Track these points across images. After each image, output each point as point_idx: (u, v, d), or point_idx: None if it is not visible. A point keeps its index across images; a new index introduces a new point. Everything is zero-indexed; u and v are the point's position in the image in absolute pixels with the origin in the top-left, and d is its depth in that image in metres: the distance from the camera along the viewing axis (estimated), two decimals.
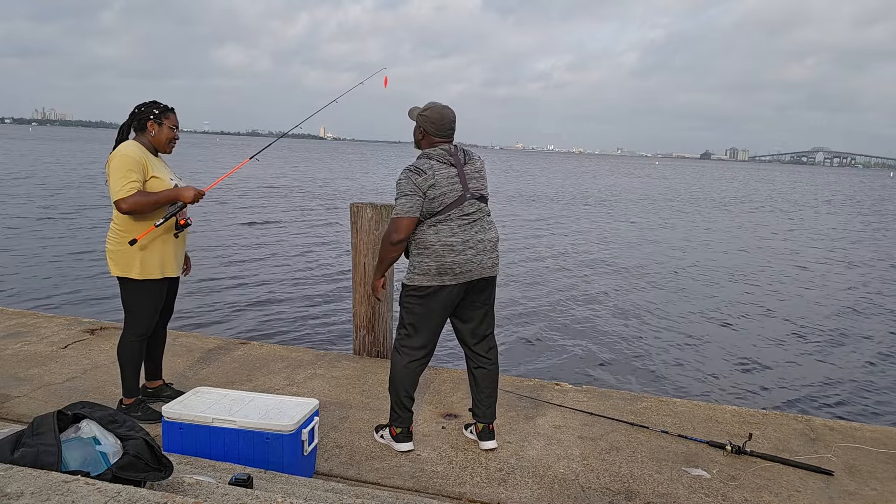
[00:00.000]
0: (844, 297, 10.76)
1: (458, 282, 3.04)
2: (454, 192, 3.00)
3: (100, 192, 21.37)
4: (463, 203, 3.02)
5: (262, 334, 6.95)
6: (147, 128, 3.31)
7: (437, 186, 2.97)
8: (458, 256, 3.00)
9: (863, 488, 3.01)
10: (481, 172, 3.14)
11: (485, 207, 3.13)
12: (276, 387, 3.96)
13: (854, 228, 22.96)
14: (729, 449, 3.28)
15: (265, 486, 2.15)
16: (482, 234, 3.08)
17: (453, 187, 3.00)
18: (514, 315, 8.50)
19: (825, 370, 6.83)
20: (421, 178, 2.96)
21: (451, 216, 3.00)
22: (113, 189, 3.15)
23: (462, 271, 3.02)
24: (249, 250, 12.27)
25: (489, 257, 3.10)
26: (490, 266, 3.12)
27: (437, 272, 3.01)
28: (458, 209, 3.01)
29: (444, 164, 3.00)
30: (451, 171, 3.01)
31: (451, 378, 4.27)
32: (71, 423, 1.86)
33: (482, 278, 3.10)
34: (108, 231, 3.33)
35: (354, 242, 4.54)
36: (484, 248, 3.08)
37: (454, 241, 3.00)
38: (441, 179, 2.98)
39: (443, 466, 3.05)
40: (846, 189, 62.50)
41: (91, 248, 11.62)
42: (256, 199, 21.93)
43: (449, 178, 2.99)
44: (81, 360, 4.26)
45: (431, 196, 2.96)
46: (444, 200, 2.98)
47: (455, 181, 3.01)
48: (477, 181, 3.09)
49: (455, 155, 3.05)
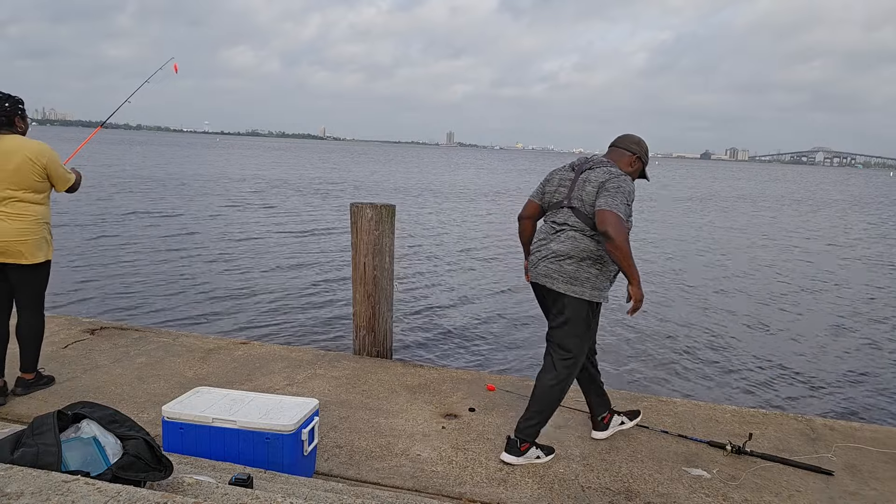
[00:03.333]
0: (847, 296, 10.76)
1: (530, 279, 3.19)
2: (558, 196, 3.12)
3: (99, 191, 21.40)
4: (559, 209, 3.09)
5: (262, 334, 6.95)
6: (15, 122, 3.51)
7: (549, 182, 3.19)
8: (532, 255, 3.18)
9: (863, 488, 3.01)
10: (587, 183, 3.00)
11: (576, 221, 3.00)
12: (276, 387, 3.96)
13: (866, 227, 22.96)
14: (729, 449, 3.28)
15: (265, 486, 2.15)
16: (553, 243, 3.05)
17: (557, 191, 3.14)
18: (513, 315, 8.50)
19: (825, 370, 6.83)
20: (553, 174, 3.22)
21: (546, 218, 3.20)
22: (63, 177, 3.57)
23: (531, 269, 3.17)
24: (249, 250, 12.27)
25: (546, 265, 3.05)
26: (544, 275, 3.06)
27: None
28: (553, 213, 3.13)
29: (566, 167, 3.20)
30: (568, 175, 3.14)
31: (451, 378, 4.27)
32: (71, 423, 1.86)
33: (537, 284, 3.13)
34: (23, 222, 3.44)
35: (354, 242, 4.54)
36: (545, 254, 3.06)
37: (535, 240, 3.21)
38: (555, 179, 3.18)
39: (443, 466, 3.05)
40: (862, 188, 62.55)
41: (91, 248, 11.63)
42: (263, 198, 21.94)
43: (560, 183, 3.14)
44: (81, 360, 4.26)
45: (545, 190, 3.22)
46: (550, 200, 3.17)
47: (563, 186, 3.12)
48: (581, 190, 3.02)
49: (583, 163, 3.14)
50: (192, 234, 13.79)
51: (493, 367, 6.42)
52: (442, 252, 13.30)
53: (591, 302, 3.04)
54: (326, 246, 13.22)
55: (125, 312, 7.56)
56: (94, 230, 13.66)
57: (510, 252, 13.66)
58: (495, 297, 9.50)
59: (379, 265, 4.50)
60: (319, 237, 14.41)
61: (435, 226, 17.48)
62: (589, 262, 2.99)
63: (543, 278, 3.06)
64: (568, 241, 3.00)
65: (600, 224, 2.84)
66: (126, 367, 4.18)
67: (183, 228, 14.54)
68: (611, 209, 2.84)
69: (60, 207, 16.78)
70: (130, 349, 4.52)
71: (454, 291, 9.76)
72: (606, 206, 2.85)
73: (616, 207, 2.85)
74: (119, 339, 4.74)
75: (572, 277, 2.99)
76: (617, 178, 2.95)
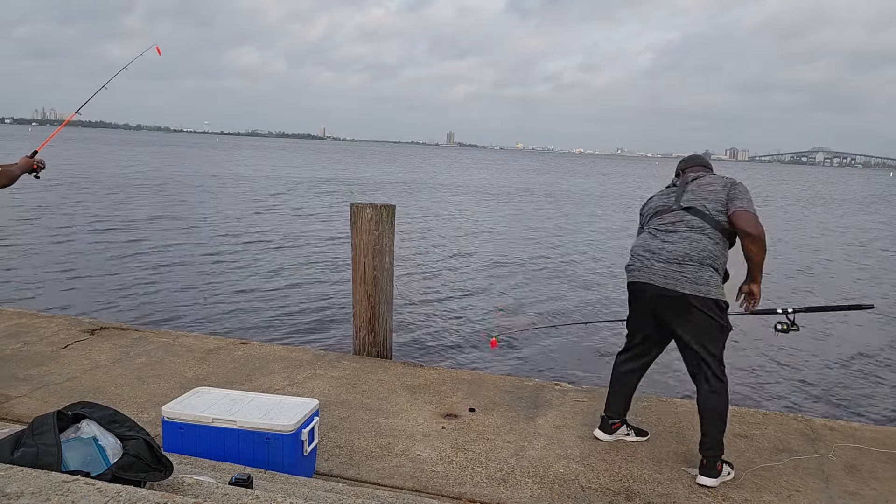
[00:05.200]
0: (850, 295, 10.75)
1: (630, 280, 3.09)
2: (660, 205, 3.13)
3: (96, 190, 21.40)
4: (665, 213, 3.06)
5: (262, 334, 6.95)
6: None
7: (649, 202, 3.24)
8: (633, 258, 3.10)
9: (863, 488, 3.01)
10: (703, 187, 3.01)
11: (691, 219, 2.94)
12: (276, 387, 3.96)
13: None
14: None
15: (265, 486, 2.15)
16: (668, 243, 2.94)
17: (662, 200, 3.15)
18: (514, 314, 8.50)
19: (825, 370, 6.83)
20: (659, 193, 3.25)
21: (648, 226, 3.15)
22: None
23: (633, 270, 3.08)
24: (249, 250, 12.27)
25: (664, 267, 2.90)
26: (662, 275, 2.90)
27: (626, 269, 3.17)
28: (658, 218, 3.09)
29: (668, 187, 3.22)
30: (671, 190, 3.18)
31: (451, 378, 4.27)
32: (71, 423, 1.86)
33: (653, 285, 2.93)
34: None
35: (354, 242, 4.54)
36: (662, 256, 2.91)
37: (636, 244, 3.15)
38: (655, 198, 3.22)
39: (443, 466, 3.05)
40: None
41: (91, 248, 11.63)
42: (265, 198, 21.94)
43: (664, 194, 3.18)
44: (81, 360, 4.26)
45: (643, 213, 3.27)
46: (648, 212, 3.19)
47: (669, 195, 3.14)
48: (693, 193, 3.00)
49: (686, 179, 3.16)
50: (192, 235, 13.79)
51: (494, 367, 6.42)
52: (442, 251, 13.30)
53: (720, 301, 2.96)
54: (326, 246, 13.22)
55: (125, 312, 7.57)
56: (94, 230, 13.65)
57: (511, 252, 13.67)
58: (496, 297, 9.49)
59: (379, 265, 4.50)
60: (319, 237, 14.40)
61: (435, 225, 17.47)
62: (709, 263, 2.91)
63: (662, 279, 2.91)
64: (689, 242, 2.92)
65: (743, 224, 2.88)
66: (126, 367, 4.18)
67: (183, 229, 14.54)
68: (748, 209, 2.92)
69: (62, 207, 16.78)
70: (130, 349, 4.52)
71: (454, 291, 9.76)
72: (743, 206, 2.92)
73: (750, 207, 2.93)
74: (119, 339, 4.74)
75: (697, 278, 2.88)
76: (737, 182, 3.04)
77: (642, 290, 3.03)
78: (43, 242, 12.04)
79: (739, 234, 2.92)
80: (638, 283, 3.05)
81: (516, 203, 26.53)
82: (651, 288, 2.97)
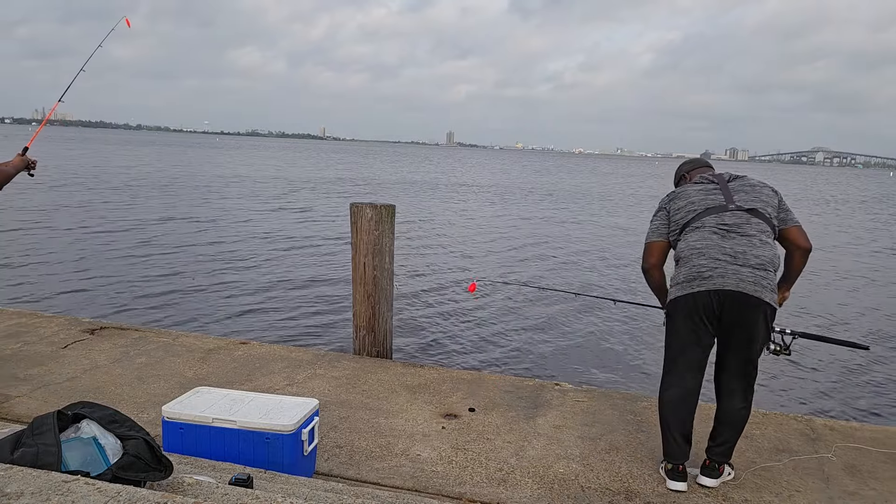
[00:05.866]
0: (852, 293, 10.75)
1: (709, 288, 2.71)
2: (709, 201, 2.88)
3: (100, 190, 21.40)
4: (723, 212, 2.82)
5: (262, 334, 6.95)
6: None
7: (682, 198, 2.94)
8: (708, 260, 2.73)
9: (863, 488, 3.01)
10: (755, 188, 2.90)
11: (758, 223, 2.81)
12: (276, 387, 3.96)
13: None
14: None
15: (265, 486, 2.15)
16: (745, 246, 2.74)
17: (708, 197, 2.89)
18: (514, 314, 8.50)
19: (825, 370, 6.82)
20: (667, 197, 3.01)
21: (705, 223, 2.83)
22: None
23: (712, 276, 2.71)
24: (249, 250, 12.27)
25: (751, 272, 2.70)
26: (751, 281, 2.69)
27: (685, 278, 2.79)
28: (717, 217, 2.82)
29: (699, 183, 2.98)
30: (708, 186, 2.93)
31: (451, 378, 4.27)
32: (71, 423, 1.86)
33: (741, 293, 2.69)
34: None
35: (354, 242, 4.54)
36: (746, 260, 2.71)
37: (704, 245, 2.78)
38: (691, 192, 2.94)
39: (443, 466, 3.05)
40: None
41: (91, 248, 11.63)
42: (272, 199, 21.94)
43: (702, 190, 2.93)
44: (81, 360, 4.26)
45: (675, 207, 2.93)
46: (693, 209, 2.88)
47: (712, 192, 2.91)
48: (747, 194, 2.87)
49: (718, 176, 2.99)
50: (194, 235, 13.79)
51: (494, 367, 6.42)
52: (443, 252, 13.30)
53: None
54: (326, 246, 13.22)
55: (125, 312, 7.57)
56: (95, 230, 13.65)
57: (512, 251, 13.67)
58: (496, 297, 9.49)
59: (379, 265, 4.50)
60: (319, 237, 14.40)
61: (436, 224, 17.48)
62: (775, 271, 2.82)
63: (751, 286, 2.69)
64: (767, 247, 2.79)
65: (801, 240, 2.88)
66: (126, 367, 4.18)
67: (184, 229, 14.54)
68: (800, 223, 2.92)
69: (63, 207, 16.79)
70: (130, 349, 4.52)
71: (455, 291, 9.76)
72: (797, 221, 2.91)
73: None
74: (119, 339, 4.74)
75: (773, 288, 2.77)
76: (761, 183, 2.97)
77: (721, 297, 2.71)
78: (43, 242, 12.04)
79: (793, 248, 2.89)
80: (721, 290, 2.70)
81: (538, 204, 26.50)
82: (737, 295, 2.69)
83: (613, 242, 15.88)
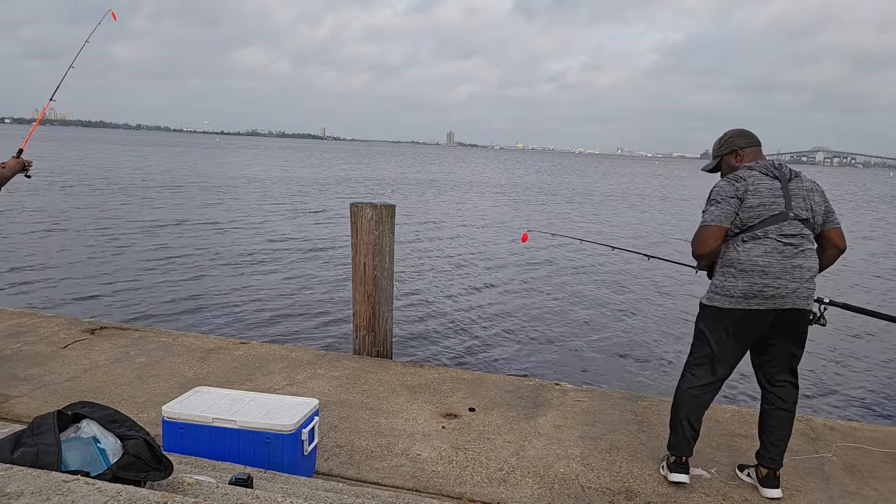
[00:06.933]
0: (853, 294, 10.74)
1: (768, 307, 2.71)
2: (774, 207, 2.73)
3: (102, 190, 21.40)
4: (783, 222, 2.72)
5: (262, 334, 6.95)
6: None
7: (755, 195, 2.73)
8: (772, 279, 2.69)
9: (863, 488, 3.01)
10: (810, 194, 2.79)
11: (809, 234, 2.77)
12: (276, 387, 3.96)
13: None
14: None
15: (265, 485, 2.15)
16: (802, 260, 2.72)
17: (775, 201, 2.73)
18: (514, 314, 8.50)
19: (824, 369, 6.82)
20: (740, 183, 2.75)
21: (767, 233, 2.72)
22: None
23: (774, 296, 2.70)
24: (249, 250, 12.27)
25: (806, 287, 2.73)
26: (806, 297, 2.73)
27: (743, 294, 2.72)
28: (777, 227, 2.72)
29: (766, 175, 2.77)
30: (775, 184, 2.76)
31: (451, 378, 4.27)
32: (71, 423, 1.86)
33: (795, 309, 2.73)
34: None
35: (354, 242, 4.54)
36: (802, 275, 2.71)
37: (767, 262, 2.70)
38: (763, 192, 2.74)
39: (443, 466, 3.05)
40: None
41: (90, 248, 11.63)
42: (259, 198, 21.95)
43: (772, 190, 2.74)
44: (81, 360, 4.26)
45: (748, 205, 2.73)
46: (761, 213, 2.72)
47: (778, 195, 2.74)
48: (804, 200, 2.76)
49: (779, 169, 2.81)
50: (194, 235, 13.79)
51: (494, 367, 6.42)
52: (443, 251, 13.30)
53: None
54: (326, 245, 13.22)
55: (125, 312, 7.57)
56: (95, 231, 13.66)
57: (512, 250, 13.66)
58: (496, 297, 9.49)
59: (379, 265, 4.50)
60: (319, 236, 14.40)
61: (437, 224, 17.48)
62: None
63: (805, 301, 2.73)
64: (814, 256, 2.79)
65: (840, 241, 2.86)
66: (126, 367, 4.18)
67: (186, 229, 14.54)
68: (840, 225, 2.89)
69: (67, 210, 16.79)
70: (130, 349, 4.52)
71: (455, 291, 9.76)
72: (839, 222, 2.87)
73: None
74: (119, 339, 4.74)
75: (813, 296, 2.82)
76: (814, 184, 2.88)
77: (776, 315, 2.73)
78: (43, 242, 12.04)
79: (830, 246, 2.86)
80: (780, 309, 2.72)
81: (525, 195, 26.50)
82: (791, 311, 2.74)
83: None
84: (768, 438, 2.91)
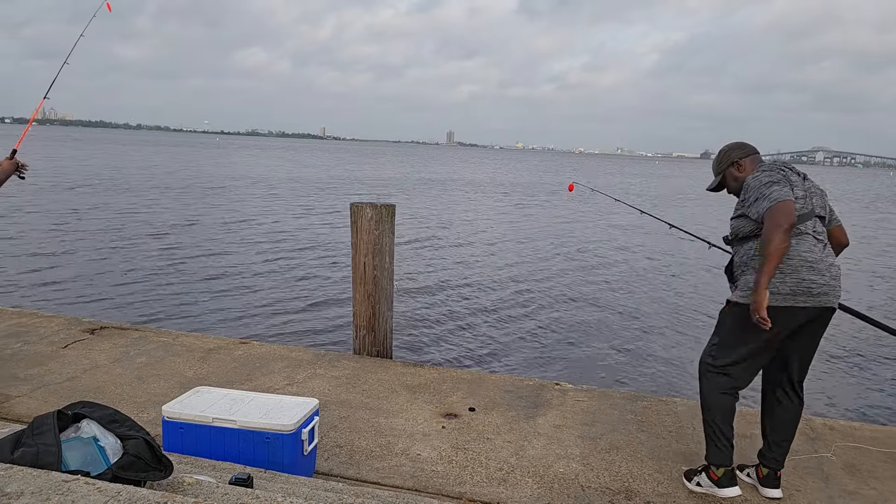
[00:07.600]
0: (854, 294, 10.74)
1: (814, 304, 2.62)
2: (808, 203, 2.69)
3: (104, 190, 21.40)
4: (814, 218, 2.70)
5: (262, 334, 6.95)
6: None
7: (796, 187, 2.67)
8: (818, 276, 2.62)
9: (863, 488, 3.01)
10: (820, 194, 2.79)
11: (825, 230, 2.77)
12: (276, 386, 3.96)
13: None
14: None
15: (265, 485, 2.15)
16: (832, 258, 2.71)
17: (807, 196, 2.70)
18: (514, 315, 8.50)
19: (824, 370, 6.82)
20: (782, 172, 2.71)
21: (806, 228, 2.65)
22: None
23: (819, 294, 2.62)
24: (249, 250, 12.27)
25: (840, 285, 2.70)
26: (837, 295, 2.69)
27: (791, 291, 2.61)
28: (812, 223, 2.68)
29: (793, 171, 2.76)
30: (797, 183, 2.72)
31: (451, 378, 4.27)
32: (71, 423, 1.87)
33: (831, 308, 2.69)
34: None
35: (354, 242, 4.54)
36: (837, 273, 2.69)
37: (814, 258, 2.63)
38: (797, 184, 2.70)
39: (443, 466, 3.06)
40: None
41: (90, 247, 11.63)
42: (262, 199, 21.95)
43: (800, 188, 2.71)
44: (81, 360, 4.26)
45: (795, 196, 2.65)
46: (802, 207, 2.65)
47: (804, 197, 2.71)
48: (819, 198, 2.76)
49: (795, 170, 2.79)
50: (194, 235, 13.79)
51: (494, 366, 6.43)
52: (443, 251, 13.29)
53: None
54: (326, 245, 13.22)
55: (125, 312, 7.57)
56: (96, 231, 13.66)
57: (512, 250, 13.67)
58: (496, 297, 9.50)
59: (379, 265, 4.50)
60: (319, 236, 14.40)
61: (438, 224, 17.47)
62: None
63: (838, 299, 2.71)
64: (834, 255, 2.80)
65: (843, 237, 2.90)
66: (126, 367, 4.19)
67: (186, 229, 14.54)
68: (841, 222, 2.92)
69: (67, 210, 16.79)
70: (130, 349, 4.52)
71: (455, 291, 9.76)
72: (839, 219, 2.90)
73: None
74: (119, 339, 4.75)
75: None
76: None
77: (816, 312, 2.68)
78: (44, 242, 12.05)
79: (835, 243, 2.84)
80: (823, 307, 2.67)
81: (524, 196, 26.49)
82: (828, 310, 2.70)
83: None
84: (773, 438, 2.89)
